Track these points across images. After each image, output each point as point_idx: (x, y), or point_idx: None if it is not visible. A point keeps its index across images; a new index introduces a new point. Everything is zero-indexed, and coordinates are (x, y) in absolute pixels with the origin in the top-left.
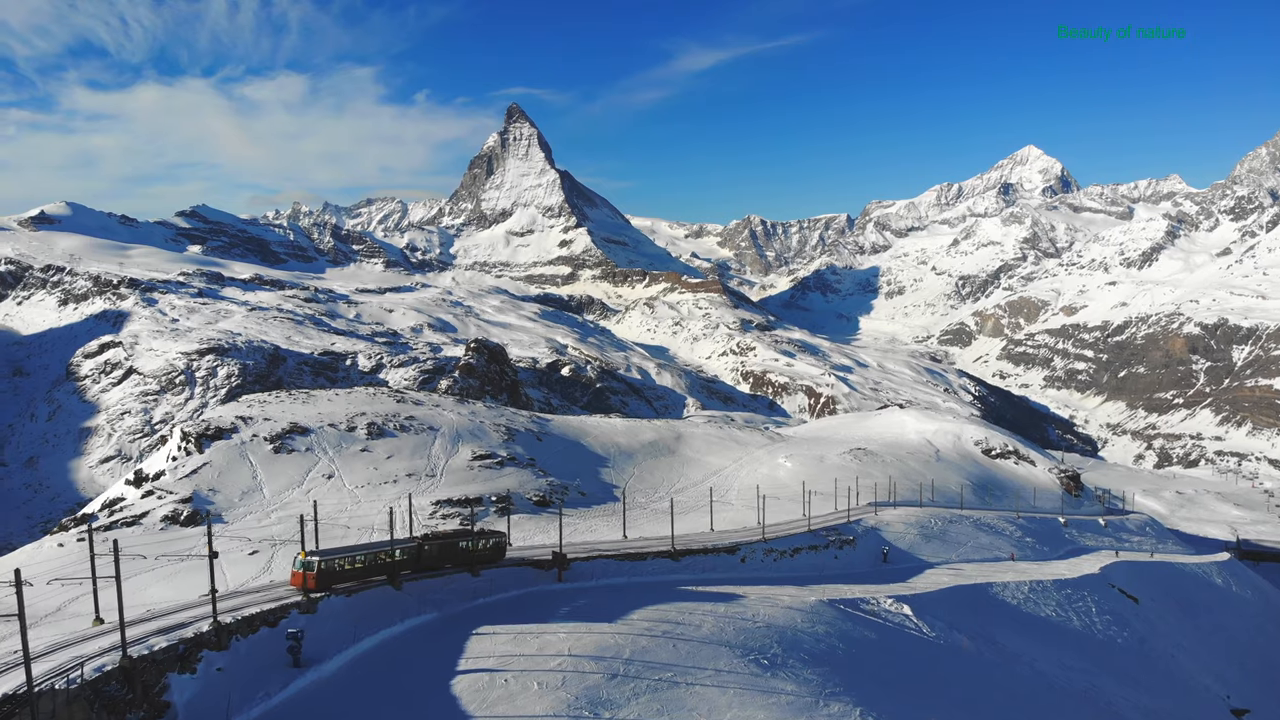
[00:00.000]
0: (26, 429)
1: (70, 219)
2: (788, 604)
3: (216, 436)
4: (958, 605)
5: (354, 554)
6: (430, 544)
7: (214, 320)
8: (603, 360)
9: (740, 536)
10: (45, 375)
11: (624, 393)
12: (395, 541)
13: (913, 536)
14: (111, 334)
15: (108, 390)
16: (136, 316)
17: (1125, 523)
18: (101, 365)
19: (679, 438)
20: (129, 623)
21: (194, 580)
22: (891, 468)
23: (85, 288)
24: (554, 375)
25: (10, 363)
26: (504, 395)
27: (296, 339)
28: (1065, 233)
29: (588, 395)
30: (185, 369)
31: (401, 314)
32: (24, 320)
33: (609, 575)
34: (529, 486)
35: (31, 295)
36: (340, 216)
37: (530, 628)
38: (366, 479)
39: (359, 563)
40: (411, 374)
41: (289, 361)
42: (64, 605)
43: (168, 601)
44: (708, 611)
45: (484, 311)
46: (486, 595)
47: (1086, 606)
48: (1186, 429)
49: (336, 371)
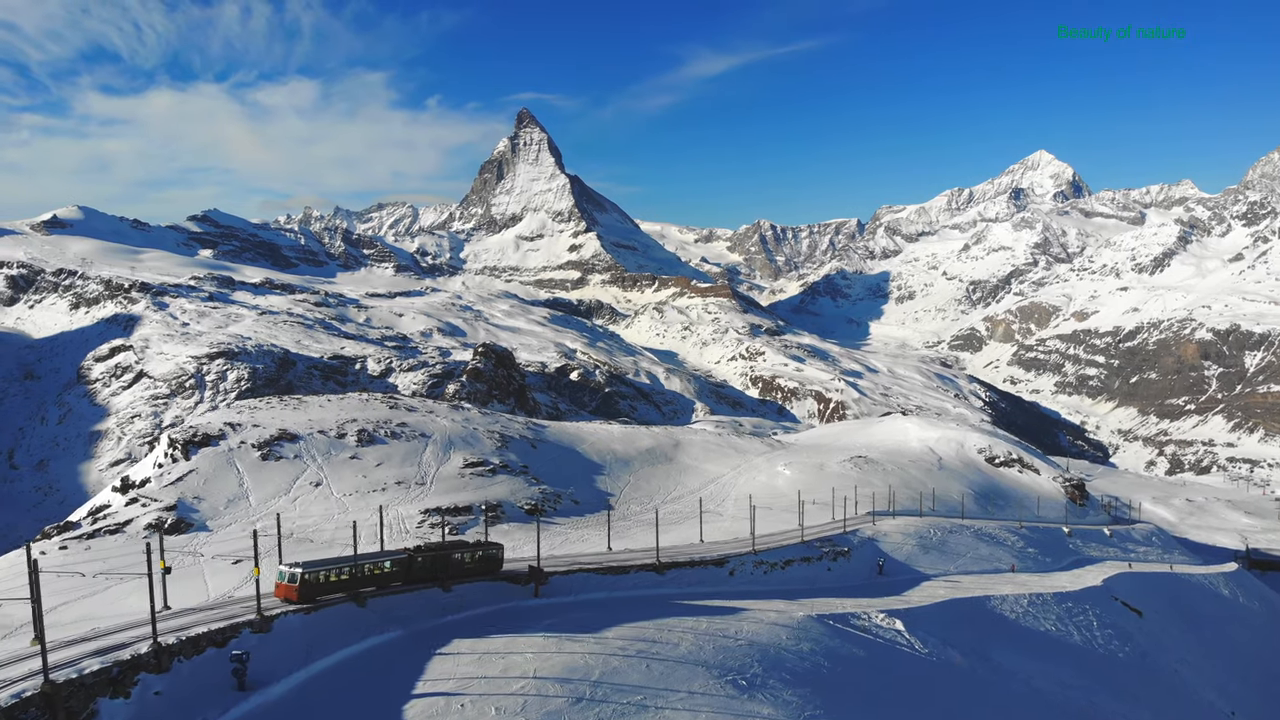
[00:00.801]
0: (37, 432)
1: (82, 223)
2: (773, 620)
3: (204, 443)
4: (953, 620)
5: (341, 565)
6: (423, 555)
7: (224, 324)
8: (611, 365)
9: (730, 548)
10: (56, 378)
11: (633, 397)
12: (385, 553)
13: (910, 547)
14: (122, 337)
15: (118, 394)
16: (147, 320)
17: (1131, 532)
18: (112, 369)
19: (677, 445)
20: (69, 642)
21: (176, 590)
22: (892, 476)
23: (96, 291)
24: (563, 379)
25: (21, 366)
26: (511, 399)
27: (306, 343)
28: (1077, 238)
29: (596, 400)
30: (195, 373)
31: (411, 318)
32: (35, 324)
33: (589, 590)
34: (521, 495)
35: (43, 299)
36: (351, 221)
37: (498, 647)
38: (355, 487)
39: (346, 574)
40: (421, 378)
41: (299, 365)
42: (27, 623)
43: (145, 613)
44: (688, 628)
45: (493, 316)
46: (456, 612)
47: (1088, 620)
48: (1198, 435)
49: (346, 375)
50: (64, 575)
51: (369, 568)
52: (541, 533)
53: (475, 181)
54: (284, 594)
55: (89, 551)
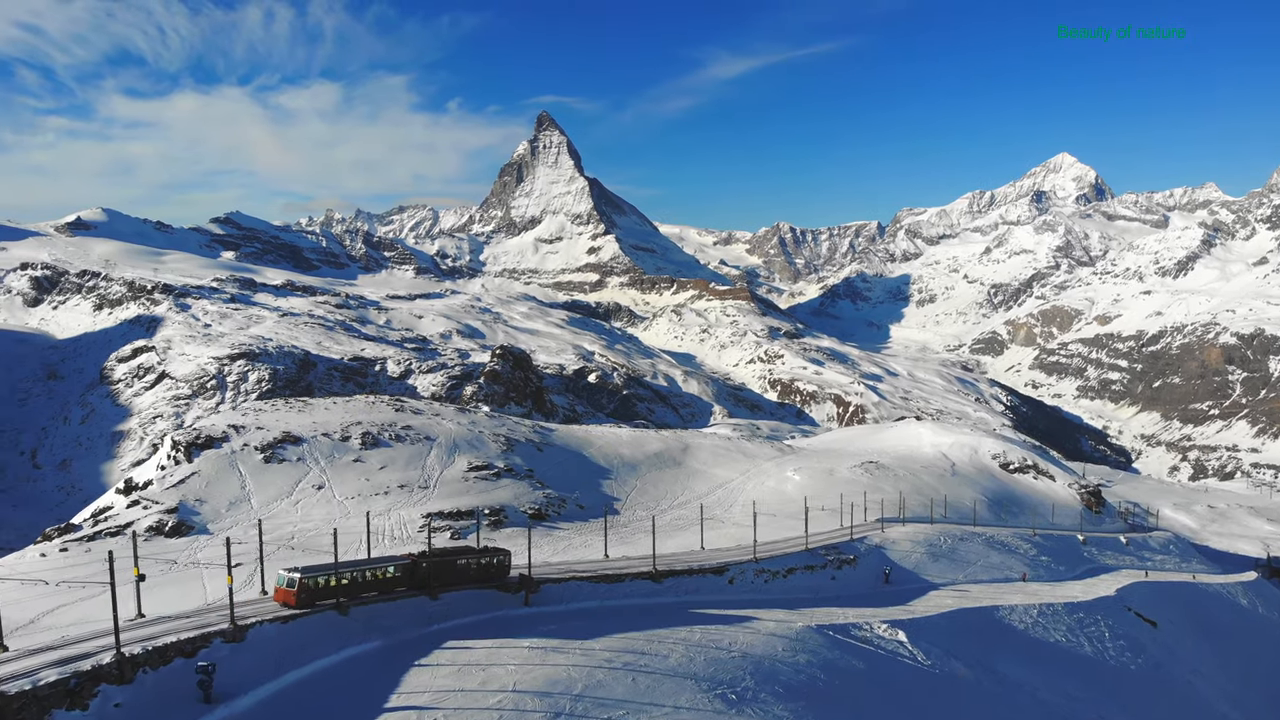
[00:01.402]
0: (60, 432)
1: (106, 225)
2: (770, 630)
3: (207, 445)
4: (959, 630)
5: (342, 570)
6: (428, 561)
7: (246, 325)
8: (629, 367)
9: (731, 556)
10: (79, 379)
11: (650, 400)
12: (389, 558)
13: (919, 555)
14: (145, 338)
15: (140, 394)
16: (170, 321)
17: (1148, 540)
18: (134, 369)
19: (686, 449)
20: (33, 651)
21: (174, 594)
22: (904, 482)
23: (120, 293)
24: (580, 382)
25: (45, 366)
26: (528, 402)
27: (327, 344)
28: (1099, 241)
29: (614, 402)
30: (216, 373)
31: (431, 320)
32: (59, 324)
33: (581, 598)
34: (525, 499)
35: (67, 300)
36: (372, 224)
37: (479, 658)
38: (357, 490)
39: (346, 579)
40: (440, 380)
41: (319, 367)
42: (29, 621)
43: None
44: (679, 639)
45: (512, 318)
46: (442, 620)
47: (1099, 631)
48: (1222, 441)
49: (366, 377)
50: (48, 579)
51: (371, 573)
52: (545, 538)
53: (495, 184)
54: (282, 599)
55: (89, 554)
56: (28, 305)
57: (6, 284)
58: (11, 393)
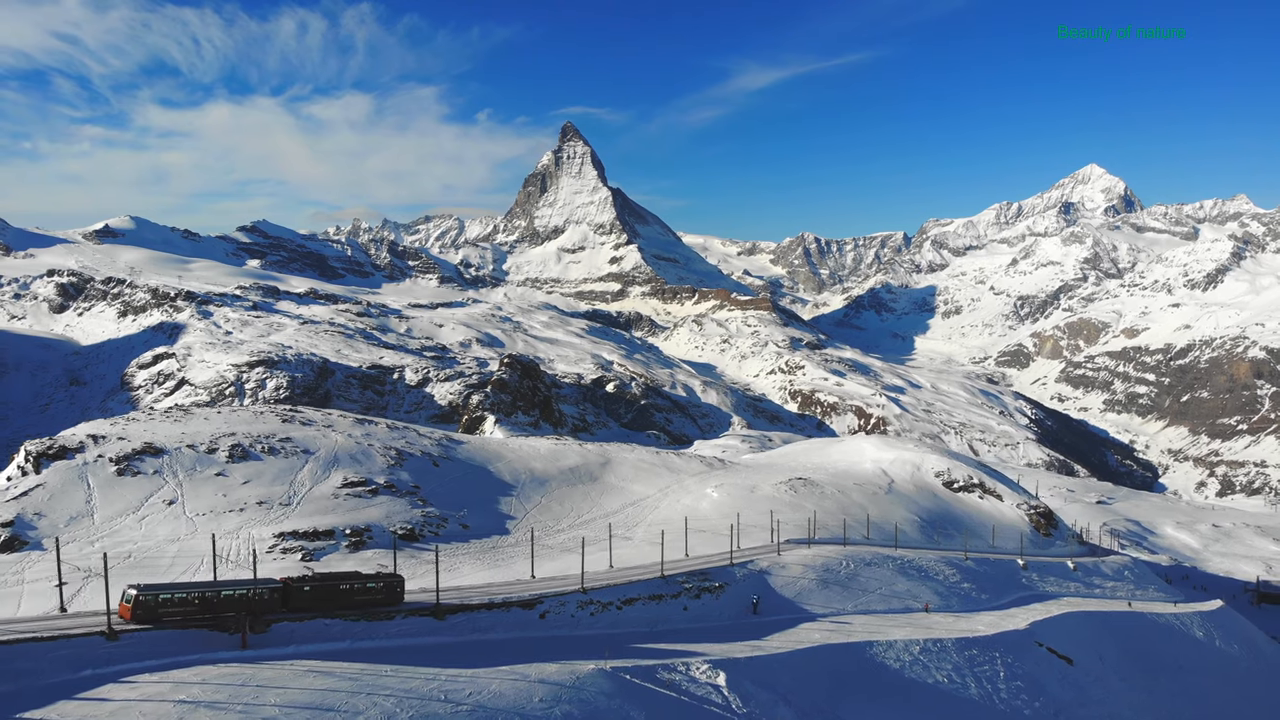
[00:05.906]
0: None
1: (134, 233)
2: (544, 675)
3: (59, 455)
4: (809, 670)
5: (191, 590)
6: (306, 584)
7: (266, 333)
8: (648, 377)
9: (558, 586)
10: (101, 385)
11: (668, 410)
12: (257, 580)
13: (806, 582)
14: (166, 345)
15: (160, 400)
16: (191, 329)
17: (1100, 565)
18: (154, 376)
19: (606, 464)
20: None
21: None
22: (830, 500)
23: (144, 300)
24: (598, 391)
25: (68, 372)
26: (536, 411)
27: (346, 352)
28: (1127, 253)
29: (631, 412)
30: (235, 380)
31: (451, 329)
32: (84, 331)
33: (328, 638)
34: (397, 518)
35: (92, 306)
36: (399, 233)
37: None
38: (211, 506)
39: (197, 599)
40: (457, 388)
41: (337, 374)
42: None
43: None
44: (397, 689)
45: (532, 327)
46: (122, 662)
47: (993, 671)
48: (1250, 456)
49: (384, 385)
50: None
51: (229, 594)
52: (408, 561)
53: (519, 194)
54: (122, 614)
55: None
56: (53, 311)
57: (33, 290)
58: (35, 399)
